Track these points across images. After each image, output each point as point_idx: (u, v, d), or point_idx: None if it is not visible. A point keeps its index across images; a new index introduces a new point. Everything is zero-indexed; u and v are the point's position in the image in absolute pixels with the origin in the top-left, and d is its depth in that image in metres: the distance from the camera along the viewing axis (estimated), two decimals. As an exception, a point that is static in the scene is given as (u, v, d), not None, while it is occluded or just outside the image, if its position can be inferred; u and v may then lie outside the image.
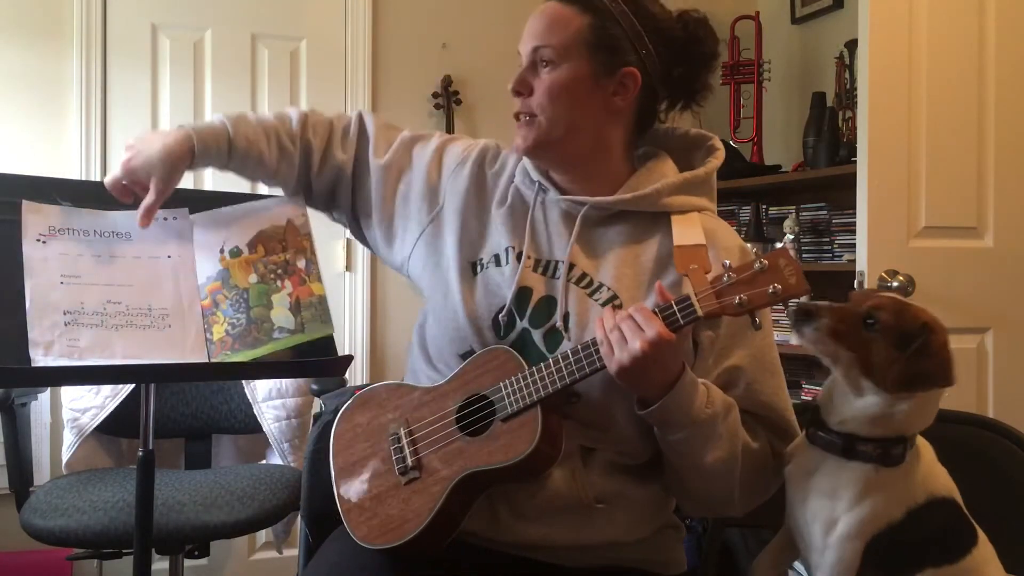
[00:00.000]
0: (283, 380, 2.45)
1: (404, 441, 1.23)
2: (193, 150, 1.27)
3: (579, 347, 1.14)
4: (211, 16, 2.93)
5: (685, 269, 1.13)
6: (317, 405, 2.48)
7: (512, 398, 1.16)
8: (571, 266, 1.25)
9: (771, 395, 1.23)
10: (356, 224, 1.43)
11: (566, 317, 1.22)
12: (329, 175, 1.40)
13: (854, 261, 2.35)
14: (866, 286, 2.24)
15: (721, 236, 1.25)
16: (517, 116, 1.27)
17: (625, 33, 1.23)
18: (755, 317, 1.09)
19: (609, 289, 1.22)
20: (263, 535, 2.89)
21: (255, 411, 2.44)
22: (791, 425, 1.24)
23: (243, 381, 2.46)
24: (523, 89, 1.25)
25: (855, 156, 2.39)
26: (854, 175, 2.32)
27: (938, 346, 1.02)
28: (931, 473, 1.09)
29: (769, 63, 3.35)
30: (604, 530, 1.20)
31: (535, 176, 1.31)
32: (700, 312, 1.09)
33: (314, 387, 2.40)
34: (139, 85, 2.84)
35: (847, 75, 3.00)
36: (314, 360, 1.30)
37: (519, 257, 1.27)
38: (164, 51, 2.88)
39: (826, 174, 2.88)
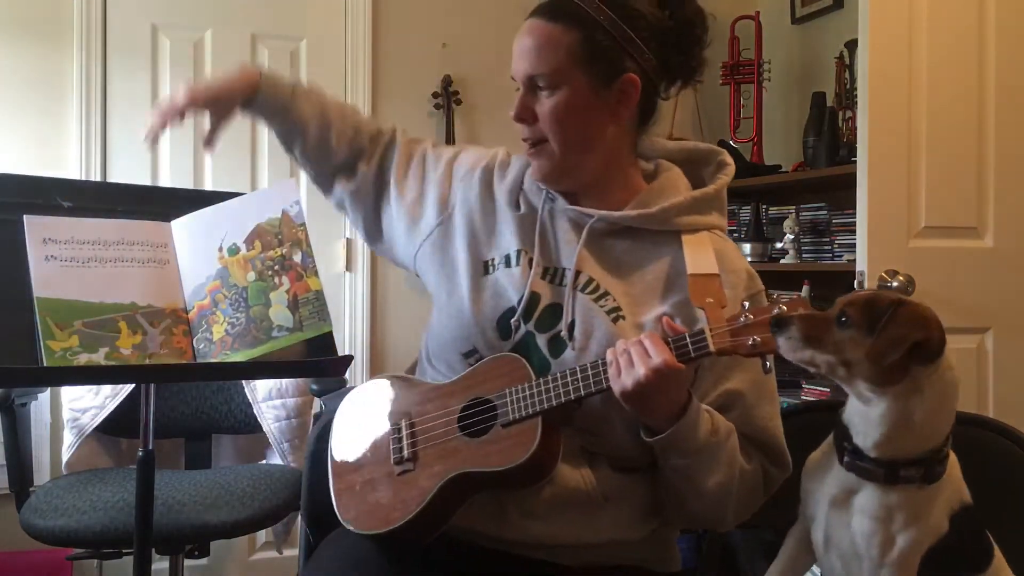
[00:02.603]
0: (283, 380, 2.45)
1: (404, 433, 1.24)
2: (257, 85, 1.33)
3: (588, 364, 1.14)
4: (211, 16, 2.93)
5: (701, 302, 1.13)
6: (317, 405, 2.48)
7: (515, 405, 1.16)
8: (577, 273, 1.25)
9: (767, 420, 1.23)
10: (374, 226, 1.45)
11: (571, 325, 1.22)
12: (353, 183, 1.42)
13: (854, 261, 2.35)
14: (866, 286, 2.24)
15: (730, 259, 1.25)
16: (526, 142, 1.27)
17: (616, 41, 1.21)
18: (766, 360, 1.10)
19: (614, 299, 1.23)
20: (263, 535, 2.89)
21: (255, 411, 2.44)
22: (783, 451, 1.24)
23: (243, 381, 2.46)
24: (526, 116, 1.24)
25: (855, 156, 2.38)
26: (854, 175, 2.32)
27: (908, 315, 0.99)
28: (959, 479, 1.09)
29: (769, 63, 3.35)
30: (608, 528, 1.20)
31: (543, 184, 1.32)
32: (712, 348, 1.09)
33: (314, 387, 2.40)
34: (139, 85, 2.84)
35: (847, 75, 3.00)
36: (314, 360, 1.30)
37: (530, 263, 1.27)
38: (164, 51, 2.88)
39: (826, 174, 2.88)
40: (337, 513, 1.25)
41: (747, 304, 1.11)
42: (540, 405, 1.15)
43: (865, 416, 1.05)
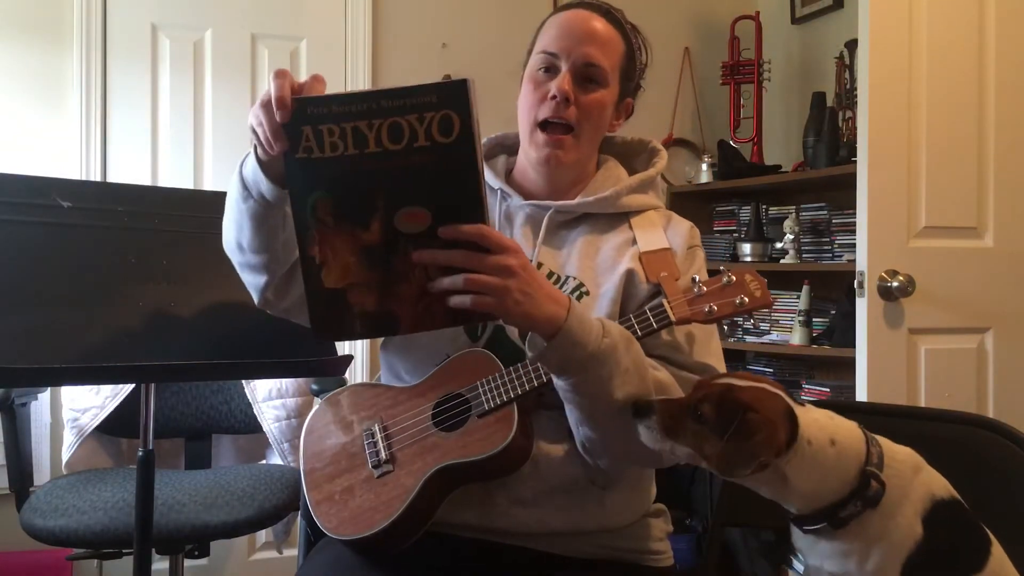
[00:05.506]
0: (283, 380, 2.45)
1: (379, 436, 1.25)
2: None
3: None
4: (211, 16, 2.93)
5: (656, 277, 1.22)
6: (317, 405, 2.48)
7: (488, 396, 1.19)
8: (539, 265, 1.29)
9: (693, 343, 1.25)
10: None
11: None
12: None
13: (854, 261, 2.35)
14: (866, 286, 2.25)
15: (674, 224, 1.34)
16: (549, 124, 1.27)
17: (637, 67, 1.35)
18: (723, 325, 1.12)
19: (575, 279, 1.27)
20: (263, 535, 2.89)
21: (255, 411, 2.44)
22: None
23: (243, 381, 2.46)
24: (571, 97, 1.26)
25: (855, 156, 2.38)
26: (854, 175, 2.32)
27: (754, 425, 0.98)
28: (924, 479, 1.06)
29: (769, 63, 3.35)
30: (595, 515, 1.22)
31: (496, 184, 1.35)
32: (673, 317, 1.16)
33: (314, 387, 2.40)
34: (139, 85, 2.84)
35: (847, 75, 3.00)
36: (314, 360, 1.30)
37: None
38: (164, 51, 2.88)
39: (826, 174, 2.88)
40: (319, 525, 1.24)
41: (697, 278, 1.18)
42: (514, 392, 1.17)
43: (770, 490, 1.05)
